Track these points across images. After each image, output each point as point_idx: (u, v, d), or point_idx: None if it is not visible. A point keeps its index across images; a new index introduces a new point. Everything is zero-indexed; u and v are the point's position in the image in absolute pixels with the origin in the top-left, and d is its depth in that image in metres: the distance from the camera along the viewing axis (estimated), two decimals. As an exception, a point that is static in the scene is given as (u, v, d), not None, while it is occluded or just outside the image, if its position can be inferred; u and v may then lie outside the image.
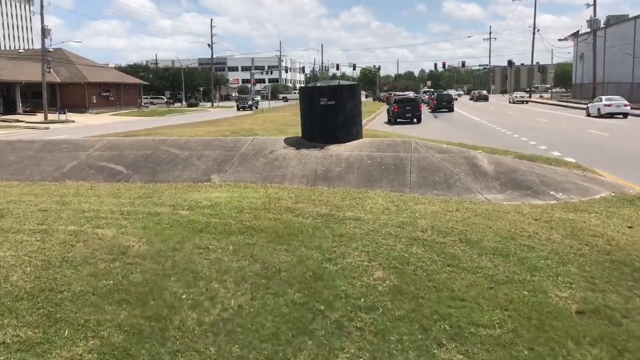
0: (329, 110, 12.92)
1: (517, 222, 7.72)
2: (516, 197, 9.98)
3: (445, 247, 6.47)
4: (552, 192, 10.28)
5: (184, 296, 5.14)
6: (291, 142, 13.48)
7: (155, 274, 5.60)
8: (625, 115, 36.63)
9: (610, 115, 36.87)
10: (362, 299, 5.08)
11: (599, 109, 37.72)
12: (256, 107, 66.44)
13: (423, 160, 11.99)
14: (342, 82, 13.26)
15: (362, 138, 13.52)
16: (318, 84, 13.20)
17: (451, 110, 50.45)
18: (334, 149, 12.78)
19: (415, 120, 35.13)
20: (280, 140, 13.75)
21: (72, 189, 10.35)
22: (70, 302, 5.00)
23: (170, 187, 10.66)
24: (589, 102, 42.06)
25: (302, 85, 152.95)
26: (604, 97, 39.49)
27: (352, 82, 14.00)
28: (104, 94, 71.24)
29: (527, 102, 70.58)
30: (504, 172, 11.42)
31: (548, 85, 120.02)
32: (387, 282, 5.44)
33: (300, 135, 14.11)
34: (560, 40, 72.53)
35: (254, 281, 5.45)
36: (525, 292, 5.25)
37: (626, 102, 37.42)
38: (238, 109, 63.71)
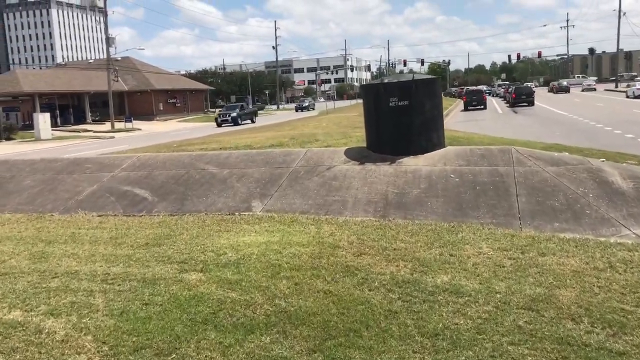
0: (400, 112, 10.06)
1: None
2: (686, 234, 6.76)
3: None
4: None
5: None
6: (353, 155, 10.71)
7: None
8: None
9: None
10: None
11: None
12: (312, 108, 63.00)
13: (531, 177, 8.89)
14: (417, 76, 10.35)
15: (444, 147, 10.56)
16: (386, 80, 10.36)
17: (531, 104, 46.07)
18: (409, 163, 9.90)
19: (480, 106, 45.81)
20: (340, 152, 11.00)
21: (73, 228, 8.06)
22: None
23: (197, 222, 8.17)
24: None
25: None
26: None
27: (429, 76, 10.96)
28: (171, 100, 71.31)
29: (594, 89, 65.51)
30: (651, 192, 8.15)
31: (634, 73, 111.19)
32: None
33: (364, 144, 11.32)
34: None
35: None
36: None
37: None
38: (296, 111, 60.51)
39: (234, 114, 45.21)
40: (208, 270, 5.58)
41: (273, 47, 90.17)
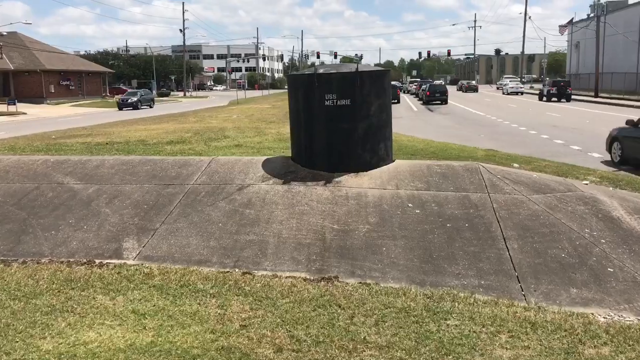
0: (339, 114, 7.43)
1: None
2: None
3: None
4: None
5: None
6: (274, 169, 7.94)
7: None
8: None
9: None
10: None
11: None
12: (150, 106, 46.47)
13: (516, 210, 6.56)
14: (362, 67, 7.70)
15: (392, 161, 8.06)
16: (321, 70, 7.65)
17: (445, 102, 45.25)
18: (351, 184, 7.29)
19: (395, 100, 40.69)
20: (257, 165, 8.18)
21: None
22: None
23: (25, 282, 5.09)
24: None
25: (283, 74, 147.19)
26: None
27: (377, 67, 8.37)
28: (64, 82, 64.66)
29: (522, 93, 65.23)
30: (676, 237, 6.07)
31: (534, 75, 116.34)
32: None
33: (290, 155, 8.59)
34: (561, 26, 67.63)
35: None
36: None
37: None
38: (119, 109, 43.42)
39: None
40: None
41: (180, 30, 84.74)
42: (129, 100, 46.55)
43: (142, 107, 46.06)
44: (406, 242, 5.96)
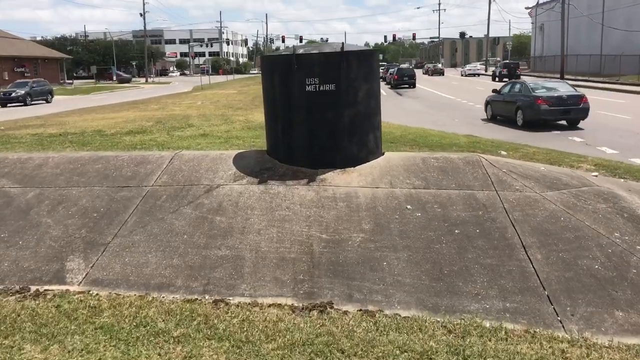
0: (323, 101, 6.40)
1: None
2: None
3: None
4: None
5: None
6: (248, 165, 6.87)
7: None
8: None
9: None
10: None
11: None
12: (47, 101, 35.19)
13: (531, 211, 5.67)
14: (348, 46, 6.64)
15: (382, 154, 7.08)
16: (300, 51, 6.54)
17: (413, 86, 44.64)
18: (338, 182, 6.29)
19: None
20: (227, 160, 7.08)
21: None
22: None
23: None
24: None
25: (248, 58, 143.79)
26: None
27: (364, 47, 7.32)
28: (18, 69, 61.58)
29: (479, 75, 66.22)
30: None
31: (498, 58, 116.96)
32: None
33: (264, 148, 7.52)
34: (529, 8, 67.96)
35: None
36: None
37: None
38: (2, 105, 32.88)
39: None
40: None
41: (141, 14, 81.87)
42: (13, 94, 34.25)
43: (33, 102, 34.51)
44: (410, 254, 5.00)
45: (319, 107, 6.48)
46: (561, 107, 15.21)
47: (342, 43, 6.43)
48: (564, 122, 15.67)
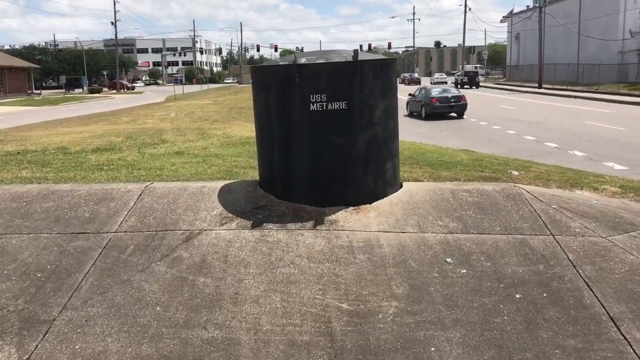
0: (332, 123, 5.10)
1: None
2: None
3: None
4: None
5: None
6: (238, 202, 5.51)
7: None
8: None
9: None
10: None
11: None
12: None
13: (605, 264, 4.43)
14: (363, 54, 5.32)
15: (401, 185, 5.81)
16: (303, 60, 5.21)
17: (394, 95, 44.30)
18: (352, 226, 4.98)
19: None
20: (211, 196, 5.71)
21: None
22: None
23: None
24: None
25: (222, 67, 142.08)
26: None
27: (380, 56, 5.99)
28: (-19, 79, 59.20)
29: (445, 82, 67.60)
30: None
31: (479, 65, 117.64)
32: None
33: (256, 178, 6.16)
34: (504, 16, 68.53)
35: None
36: None
37: None
38: None
39: None
40: None
41: (112, 23, 79.72)
42: None
43: None
44: (464, 333, 3.71)
45: (327, 130, 5.16)
46: (448, 104, 22.54)
47: (356, 50, 5.12)
48: (454, 115, 22.47)
